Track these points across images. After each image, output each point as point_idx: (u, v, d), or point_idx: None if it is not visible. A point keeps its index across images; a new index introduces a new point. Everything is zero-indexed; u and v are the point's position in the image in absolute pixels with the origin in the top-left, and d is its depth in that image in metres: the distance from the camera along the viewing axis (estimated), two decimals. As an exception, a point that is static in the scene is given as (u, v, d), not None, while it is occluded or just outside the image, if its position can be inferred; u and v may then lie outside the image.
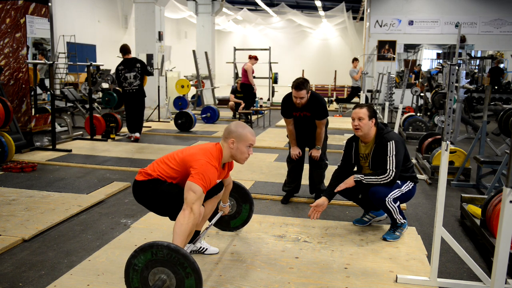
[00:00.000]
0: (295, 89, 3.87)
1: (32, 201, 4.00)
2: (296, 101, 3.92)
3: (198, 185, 2.37)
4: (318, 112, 3.99)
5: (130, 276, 2.17)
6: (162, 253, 2.10)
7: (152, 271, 2.14)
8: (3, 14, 6.21)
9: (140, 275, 2.15)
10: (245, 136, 2.62)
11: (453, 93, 2.54)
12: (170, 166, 2.60)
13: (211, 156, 2.53)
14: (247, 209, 3.28)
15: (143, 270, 2.15)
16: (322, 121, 4.04)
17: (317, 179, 4.24)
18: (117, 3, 16.15)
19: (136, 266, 2.15)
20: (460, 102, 5.85)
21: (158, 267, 2.13)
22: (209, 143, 2.69)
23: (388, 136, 3.25)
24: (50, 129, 6.55)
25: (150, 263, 2.13)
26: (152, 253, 2.11)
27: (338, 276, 2.72)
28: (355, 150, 3.46)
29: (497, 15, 12.97)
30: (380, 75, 11.50)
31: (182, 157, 2.57)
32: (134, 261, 2.15)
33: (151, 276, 2.15)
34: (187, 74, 13.75)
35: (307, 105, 3.97)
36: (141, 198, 2.68)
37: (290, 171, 4.29)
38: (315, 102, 3.99)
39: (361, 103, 3.38)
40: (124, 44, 7.34)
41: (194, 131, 8.49)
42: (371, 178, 3.22)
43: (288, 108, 4.09)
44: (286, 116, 4.14)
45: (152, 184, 2.60)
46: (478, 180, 4.87)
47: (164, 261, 2.10)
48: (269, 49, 11.80)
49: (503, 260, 2.09)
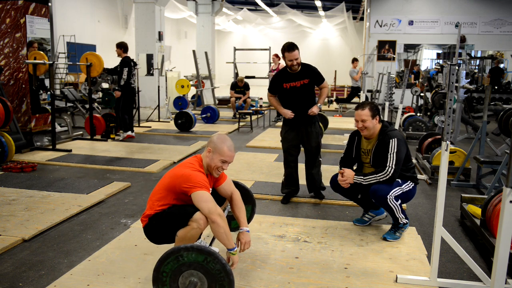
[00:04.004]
0: (288, 51, 3.84)
1: (32, 201, 4.00)
2: (292, 63, 3.90)
3: (201, 191, 2.39)
4: (316, 76, 4.06)
5: (168, 260, 2.18)
6: (213, 266, 2.12)
7: (190, 271, 2.17)
8: (3, 14, 6.21)
9: (178, 267, 2.16)
10: (221, 149, 2.55)
11: (453, 93, 2.54)
12: (162, 196, 2.58)
13: (191, 165, 2.54)
14: (249, 210, 3.27)
15: (184, 265, 2.17)
16: (324, 84, 4.15)
17: (317, 177, 4.27)
18: (117, 3, 16.15)
19: (181, 257, 2.15)
20: (460, 102, 5.85)
21: (199, 272, 2.16)
22: (189, 158, 2.67)
23: (391, 133, 3.26)
24: (50, 129, 6.55)
25: (196, 264, 2.15)
26: (206, 259, 2.13)
27: (338, 276, 2.72)
28: (356, 144, 3.48)
29: (497, 15, 12.97)
30: (380, 75, 11.50)
31: (167, 181, 2.57)
32: (183, 252, 2.16)
33: (186, 274, 2.18)
34: (187, 74, 13.76)
35: (302, 71, 4.00)
36: (156, 238, 2.63)
37: (288, 175, 4.30)
38: (309, 67, 4.07)
39: (362, 103, 3.37)
40: (125, 42, 7.35)
41: (194, 131, 8.49)
42: (370, 177, 3.22)
43: (279, 81, 4.08)
44: (273, 91, 4.17)
45: (155, 220, 2.57)
46: (478, 180, 4.87)
47: (211, 273, 2.14)
48: (269, 49, 11.79)
49: (503, 260, 2.09)
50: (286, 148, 4.26)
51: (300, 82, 4.02)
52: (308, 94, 4.09)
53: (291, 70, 4.01)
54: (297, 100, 4.08)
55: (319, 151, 4.28)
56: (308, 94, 4.09)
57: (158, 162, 5.70)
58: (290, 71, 4.04)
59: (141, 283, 2.61)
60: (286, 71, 4.06)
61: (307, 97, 4.09)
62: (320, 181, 4.31)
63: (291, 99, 4.10)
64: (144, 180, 5.00)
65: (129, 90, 7.27)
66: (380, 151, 3.25)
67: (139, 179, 5.01)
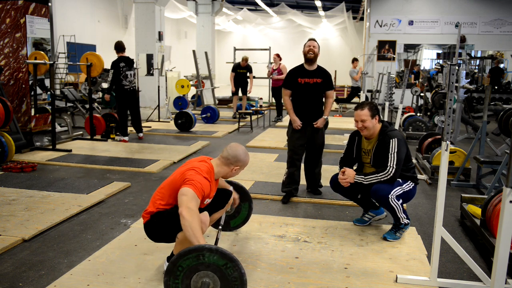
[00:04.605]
0: (309, 40, 4.20)
1: (32, 201, 4.00)
2: (309, 50, 4.14)
3: (188, 188, 2.39)
4: (329, 80, 4.27)
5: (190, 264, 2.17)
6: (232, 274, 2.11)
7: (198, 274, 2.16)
8: (3, 14, 6.21)
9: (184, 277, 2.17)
10: (247, 163, 2.75)
11: (453, 93, 2.54)
12: (165, 194, 2.59)
13: (200, 169, 2.55)
14: (246, 207, 3.29)
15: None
16: (331, 92, 4.31)
17: (318, 176, 4.44)
18: (117, 3, 16.14)
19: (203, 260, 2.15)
20: (460, 102, 5.85)
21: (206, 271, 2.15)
22: (199, 160, 2.68)
23: (391, 133, 3.27)
24: (50, 129, 6.55)
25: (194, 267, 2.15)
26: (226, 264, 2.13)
27: (338, 276, 2.72)
28: (357, 144, 3.48)
29: (497, 15, 12.96)
30: (380, 75, 11.49)
31: (172, 178, 2.60)
32: (202, 256, 2.14)
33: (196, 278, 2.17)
34: (187, 74, 13.76)
35: (318, 71, 4.22)
36: (155, 236, 2.64)
37: (290, 174, 4.33)
38: (324, 70, 4.30)
39: (361, 103, 3.38)
40: (119, 41, 7.21)
41: (194, 131, 8.49)
42: (371, 177, 3.22)
43: (294, 76, 4.24)
44: (288, 86, 4.28)
45: (157, 219, 2.57)
46: (478, 180, 4.87)
47: (221, 276, 2.13)
48: (269, 49, 11.79)
49: (503, 260, 2.09)
50: (292, 147, 4.35)
51: (313, 80, 4.20)
52: (318, 94, 4.26)
53: (306, 58, 4.19)
54: (308, 97, 4.25)
55: (322, 151, 4.42)
56: (318, 94, 4.26)
57: (158, 162, 5.70)
58: (306, 65, 4.22)
59: (141, 283, 2.61)
60: (302, 68, 4.25)
61: (317, 97, 4.26)
62: (319, 180, 4.49)
63: (303, 96, 4.24)
64: (144, 180, 5.00)
65: (120, 92, 7.03)
66: (381, 151, 3.26)
67: (139, 179, 5.01)
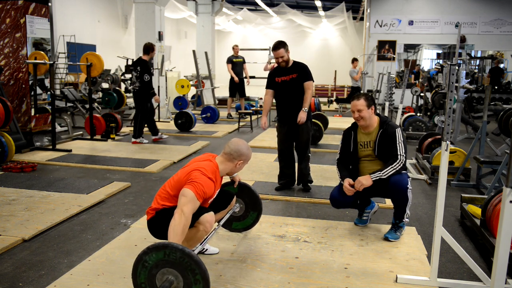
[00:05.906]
0: (273, 50, 4.34)
1: (32, 201, 4.00)
2: (279, 61, 4.34)
3: (189, 190, 2.42)
4: (304, 72, 4.38)
5: (138, 270, 2.18)
6: (175, 256, 2.10)
7: (161, 271, 2.15)
8: (3, 14, 6.21)
9: (149, 272, 2.16)
10: (250, 156, 2.83)
11: (453, 93, 2.54)
12: (169, 192, 2.62)
13: (205, 170, 2.57)
14: (254, 217, 3.25)
15: (153, 268, 2.16)
16: (309, 83, 4.40)
17: (305, 170, 4.53)
18: (117, 3, 16.14)
19: (146, 263, 2.16)
20: (460, 102, 5.85)
21: (168, 268, 2.14)
22: (203, 159, 2.70)
23: (393, 124, 3.37)
24: (50, 129, 6.55)
25: (161, 262, 2.14)
26: (165, 253, 2.12)
27: (338, 276, 2.72)
28: (353, 139, 3.48)
29: (497, 15, 12.97)
30: (380, 75, 11.50)
31: (177, 178, 2.63)
32: (145, 257, 2.16)
33: (159, 275, 2.16)
34: (187, 74, 13.75)
35: (292, 67, 4.39)
36: (159, 233, 2.65)
37: (280, 170, 4.60)
38: (299, 64, 4.44)
39: (357, 94, 3.42)
40: (150, 43, 7.03)
41: (194, 131, 8.49)
42: (387, 170, 3.20)
43: (272, 76, 4.47)
44: (269, 86, 4.52)
45: (161, 215, 2.60)
46: (478, 180, 4.87)
47: (176, 263, 2.11)
48: (269, 49, 11.79)
49: (503, 260, 2.09)
50: (279, 143, 4.59)
51: (289, 76, 4.38)
52: (297, 89, 4.40)
53: (280, 66, 4.43)
54: (288, 95, 4.41)
55: (308, 146, 4.54)
56: (298, 89, 4.40)
57: (158, 162, 5.70)
58: (282, 68, 4.45)
59: (141, 283, 2.61)
60: (279, 68, 4.47)
61: (297, 91, 4.40)
62: (308, 174, 4.56)
63: (283, 94, 4.44)
64: (144, 180, 5.00)
65: (148, 94, 6.99)
66: (387, 142, 3.29)
67: (139, 179, 5.01)
